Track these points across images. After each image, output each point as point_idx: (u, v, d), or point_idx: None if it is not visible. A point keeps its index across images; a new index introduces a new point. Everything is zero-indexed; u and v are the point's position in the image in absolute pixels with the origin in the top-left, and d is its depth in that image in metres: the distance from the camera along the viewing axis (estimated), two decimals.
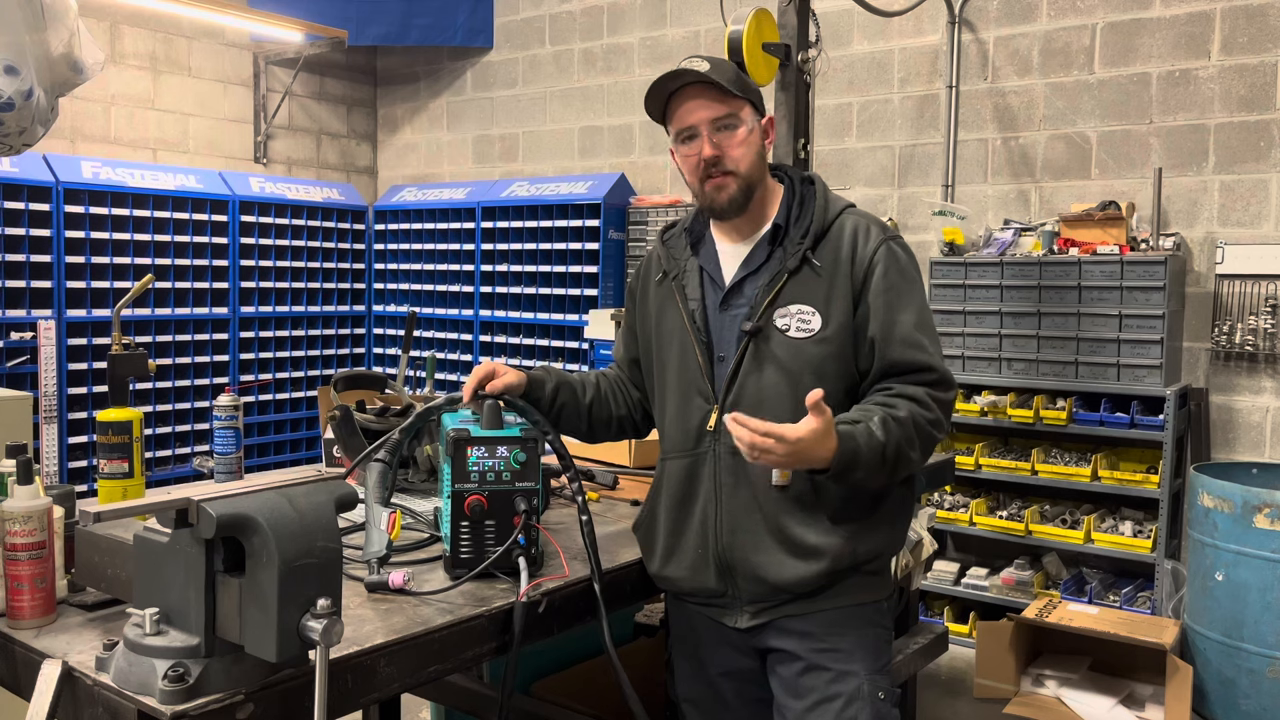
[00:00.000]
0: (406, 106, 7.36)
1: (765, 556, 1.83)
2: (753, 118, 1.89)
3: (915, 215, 5.13)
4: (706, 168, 1.87)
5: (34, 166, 5.21)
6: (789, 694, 1.86)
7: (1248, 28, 4.27)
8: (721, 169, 1.86)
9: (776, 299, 1.84)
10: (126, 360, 2.09)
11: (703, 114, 1.85)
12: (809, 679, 1.84)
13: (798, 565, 1.81)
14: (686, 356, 1.92)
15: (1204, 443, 4.33)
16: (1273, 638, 3.58)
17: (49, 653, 1.41)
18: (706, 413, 1.88)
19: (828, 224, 1.88)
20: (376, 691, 1.49)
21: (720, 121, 1.85)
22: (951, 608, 4.62)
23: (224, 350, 6.07)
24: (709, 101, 1.85)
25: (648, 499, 2.02)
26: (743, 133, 1.87)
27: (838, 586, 1.84)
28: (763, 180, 1.92)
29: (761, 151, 1.91)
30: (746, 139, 1.87)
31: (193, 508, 1.26)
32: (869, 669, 1.85)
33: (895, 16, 4.93)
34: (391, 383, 2.68)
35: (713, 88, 1.84)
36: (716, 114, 1.85)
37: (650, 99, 1.91)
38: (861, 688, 1.82)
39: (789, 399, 1.81)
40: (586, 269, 5.92)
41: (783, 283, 1.85)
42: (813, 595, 1.84)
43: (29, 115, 2.46)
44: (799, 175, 1.98)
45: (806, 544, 1.81)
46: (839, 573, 1.83)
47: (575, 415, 2.05)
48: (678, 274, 1.97)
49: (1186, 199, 4.42)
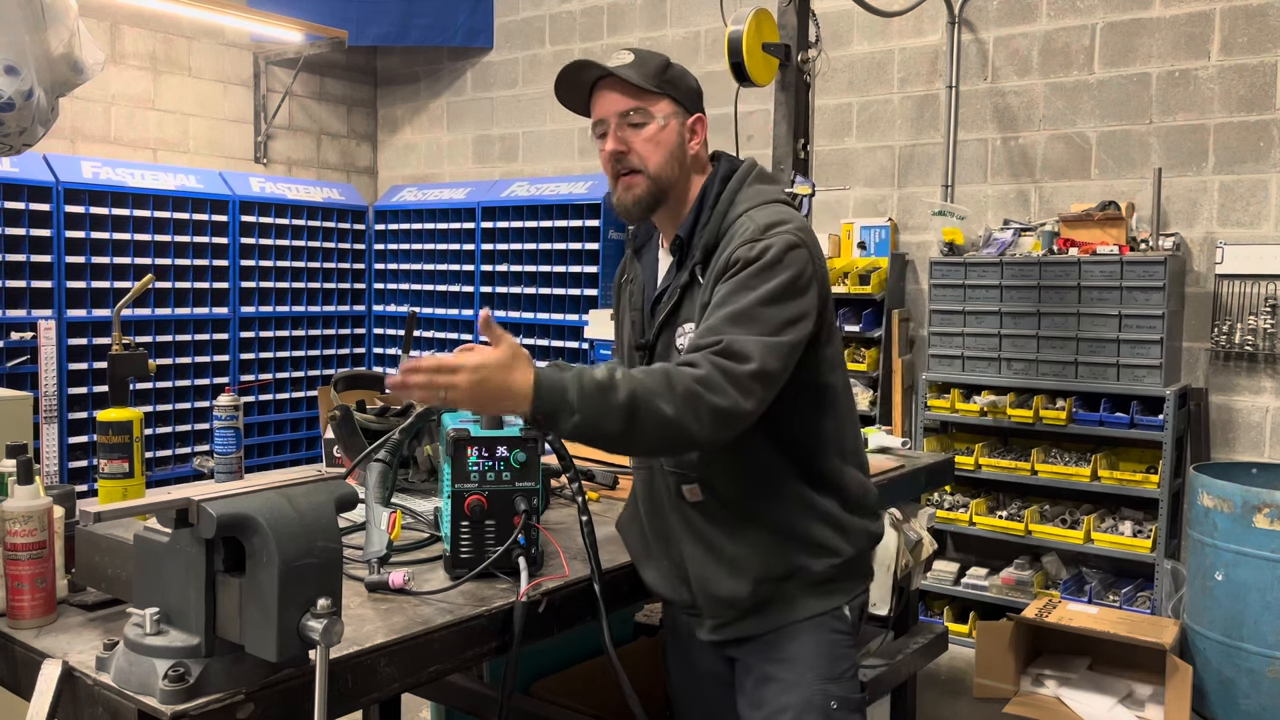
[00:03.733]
0: (406, 107, 7.36)
1: (704, 569, 1.83)
2: (671, 115, 1.80)
3: (915, 215, 5.13)
4: (614, 164, 1.79)
5: (34, 166, 5.21)
6: (748, 705, 1.86)
7: (1247, 28, 4.27)
8: (627, 165, 1.78)
9: (672, 317, 1.81)
10: (126, 360, 2.09)
11: (611, 106, 1.78)
12: (762, 690, 1.83)
13: (729, 579, 1.80)
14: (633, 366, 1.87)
15: (1204, 443, 4.33)
16: (1273, 638, 3.58)
17: (49, 653, 1.41)
18: None
19: (722, 231, 1.77)
20: (376, 691, 1.50)
21: (628, 116, 1.77)
22: (951, 607, 4.62)
23: (224, 350, 6.06)
24: (619, 95, 1.77)
25: (628, 504, 2.03)
26: (652, 129, 1.77)
27: (782, 600, 1.81)
28: (680, 181, 1.81)
29: (678, 152, 1.80)
30: (656, 135, 1.77)
31: (193, 508, 1.26)
32: (821, 677, 1.81)
33: (895, 16, 4.93)
34: None
35: (623, 82, 1.76)
36: (624, 107, 1.77)
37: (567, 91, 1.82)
38: (812, 699, 1.79)
39: None
40: (586, 269, 5.92)
41: (675, 299, 1.80)
42: (759, 611, 1.82)
43: (29, 115, 2.46)
44: (725, 169, 1.85)
45: (731, 554, 1.79)
46: (772, 582, 1.79)
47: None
48: (631, 278, 1.97)
49: (1186, 199, 4.42)
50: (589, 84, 1.82)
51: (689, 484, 1.82)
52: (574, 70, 1.80)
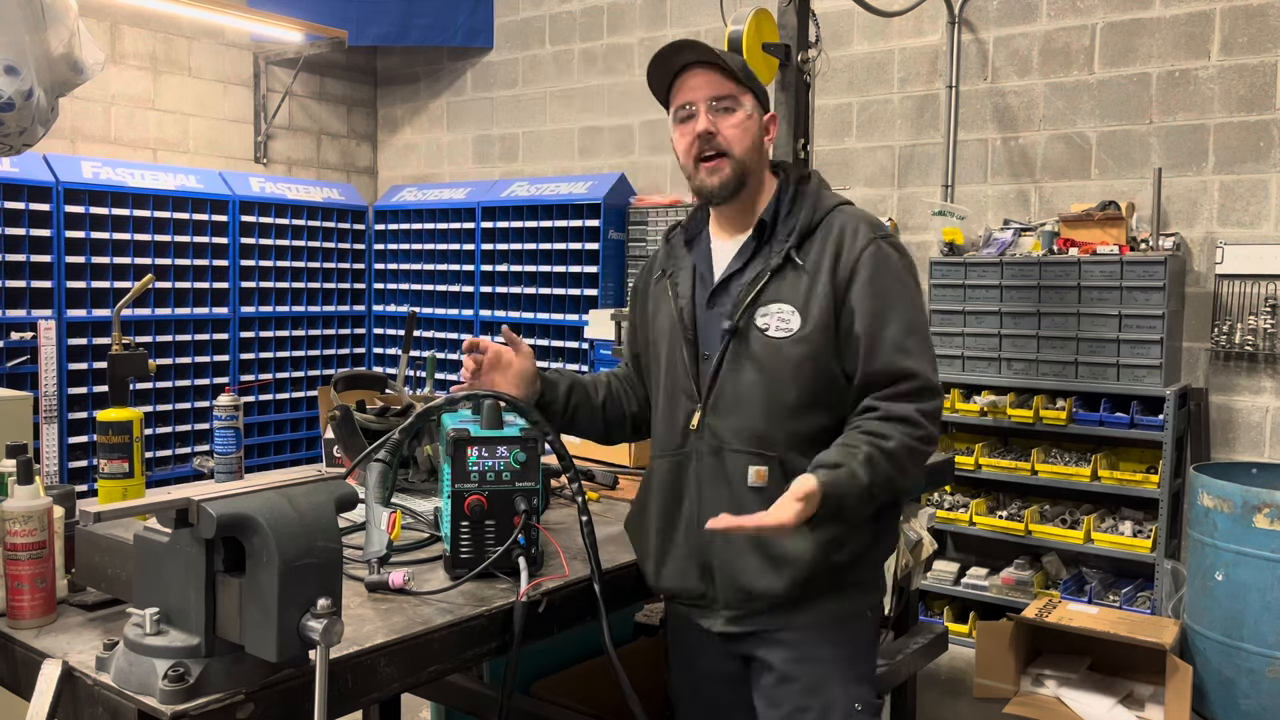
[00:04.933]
0: (406, 107, 7.36)
1: (740, 560, 1.81)
2: (755, 107, 1.87)
3: (915, 215, 5.13)
4: (701, 147, 1.83)
5: (34, 166, 5.21)
6: (767, 704, 1.85)
7: (1248, 28, 4.27)
8: (715, 148, 1.82)
9: (758, 298, 1.82)
10: (126, 360, 2.09)
11: (703, 90, 1.83)
12: (783, 690, 1.82)
13: (769, 573, 1.78)
14: (674, 354, 1.91)
15: (1204, 443, 4.33)
16: (1273, 638, 3.58)
17: (49, 653, 1.41)
18: (690, 411, 1.86)
19: (815, 222, 1.84)
20: (376, 691, 1.50)
21: (720, 101, 1.83)
22: (951, 607, 4.62)
23: (224, 350, 6.07)
24: (716, 78, 1.83)
25: (637, 497, 2.01)
26: (741, 115, 1.83)
27: (811, 599, 1.81)
28: (758, 171, 1.88)
29: (759, 142, 1.87)
30: (744, 123, 1.83)
31: (193, 508, 1.26)
32: (845, 679, 1.82)
33: (895, 16, 4.93)
34: (391, 383, 2.68)
35: (717, 69, 1.82)
36: (717, 92, 1.82)
37: (656, 69, 1.87)
38: (835, 700, 1.80)
39: (763, 400, 1.79)
40: (586, 269, 5.92)
41: (765, 281, 1.82)
42: (786, 608, 1.81)
43: (29, 115, 2.46)
44: (796, 172, 1.96)
45: (778, 549, 1.77)
46: (813, 582, 1.78)
47: (590, 415, 2.05)
48: (673, 271, 1.97)
49: (1186, 199, 4.42)
50: (677, 68, 1.85)
51: (760, 465, 1.80)
52: (671, 50, 1.84)
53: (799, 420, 1.79)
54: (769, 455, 1.79)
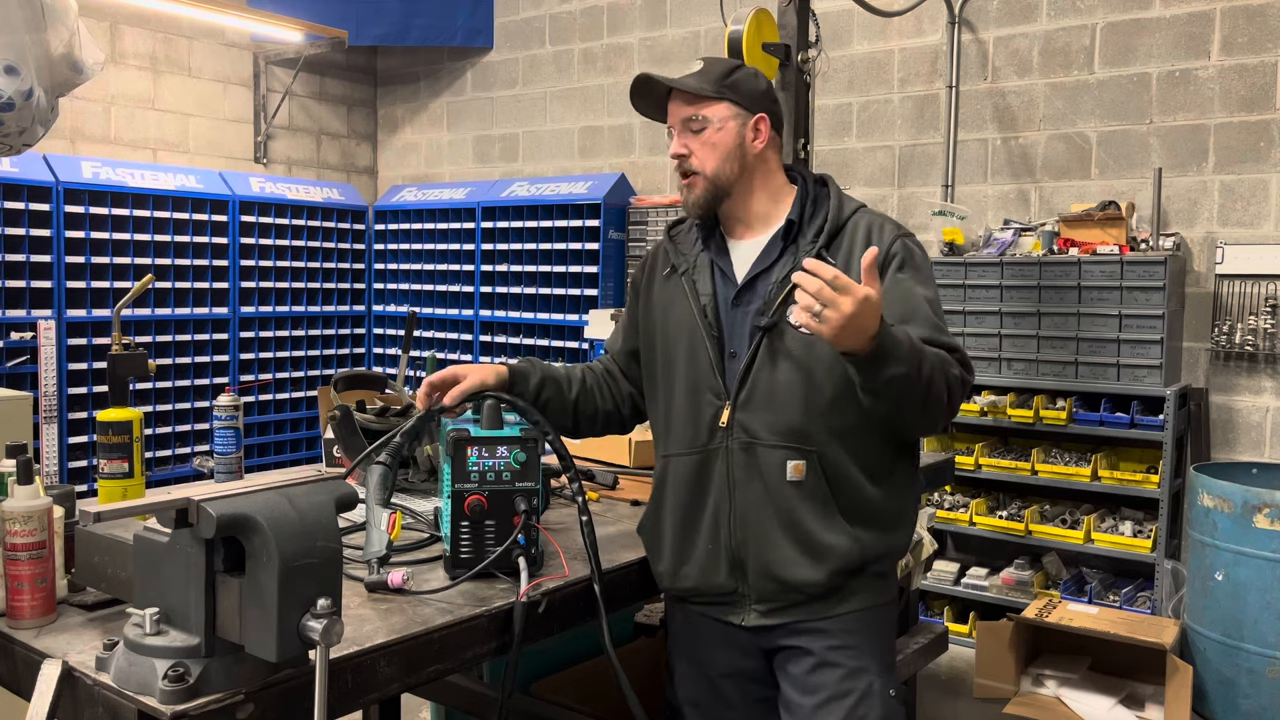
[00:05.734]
0: (406, 106, 7.36)
1: (777, 553, 1.83)
2: (730, 117, 1.89)
3: (915, 215, 5.12)
4: (679, 167, 1.93)
5: (34, 166, 5.21)
6: (799, 691, 1.86)
7: (1248, 28, 4.27)
8: (687, 169, 1.91)
9: (791, 295, 1.83)
10: (126, 360, 2.09)
11: (675, 115, 1.93)
12: (820, 675, 1.84)
13: (807, 565, 1.81)
14: (697, 352, 1.91)
15: (1204, 443, 4.33)
16: (1273, 638, 3.58)
17: (49, 653, 1.41)
18: (718, 409, 1.87)
19: (842, 222, 1.91)
20: (376, 691, 1.50)
21: (690, 122, 1.91)
22: (951, 607, 4.62)
23: (224, 350, 6.07)
24: (679, 104, 1.92)
25: (652, 498, 2.01)
26: (708, 133, 1.89)
27: (848, 590, 1.85)
28: (743, 177, 1.92)
29: (735, 150, 1.90)
30: (712, 138, 1.89)
31: (193, 508, 1.26)
32: (880, 667, 1.87)
33: (895, 16, 4.93)
34: (391, 383, 2.68)
35: (683, 92, 1.90)
36: (685, 114, 1.91)
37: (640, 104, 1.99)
38: (873, 685, 1.84)
39: (800, 395, 1.82)
40: (586, 269, 5.92)
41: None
42: (824, 598, 1.84)
43: (29, 115, 2.46)
44: (813, 176, 2.00)
45: (818, 541, 1.81)
46: (847, 573, 1.83)
47: (560, 411, 2.05)
48: (688, 269, 1.97)
49: (1186, 199, 4.42)
50: (663, 95, 1.96)
51: (798, 460, 1.82)
52: (642, 87, 1.96)
53: (835, 414, 1.82)
54: (807, 450, 1.82)
